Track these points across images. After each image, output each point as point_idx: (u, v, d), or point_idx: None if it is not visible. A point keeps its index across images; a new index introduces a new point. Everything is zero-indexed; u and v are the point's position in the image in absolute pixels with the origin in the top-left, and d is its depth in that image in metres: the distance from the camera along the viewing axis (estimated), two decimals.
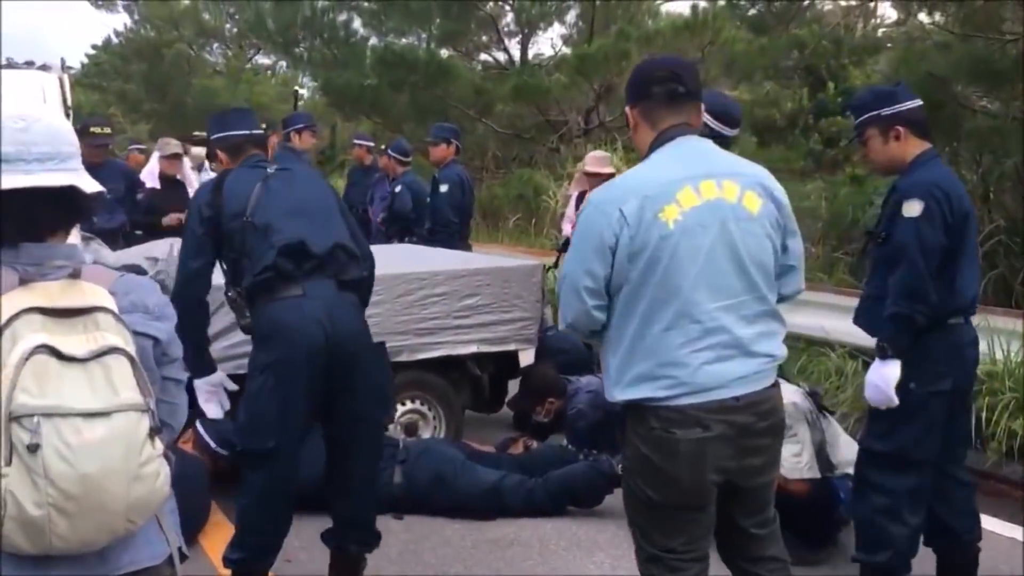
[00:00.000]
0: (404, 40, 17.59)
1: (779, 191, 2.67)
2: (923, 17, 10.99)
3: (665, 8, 18.64)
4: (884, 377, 3.33)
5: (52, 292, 1.70)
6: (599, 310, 2.58)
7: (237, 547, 3.42)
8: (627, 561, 3.33)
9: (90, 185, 1.82)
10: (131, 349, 1.72)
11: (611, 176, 5.78)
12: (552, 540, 4.31)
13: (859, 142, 3.59)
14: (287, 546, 3.59)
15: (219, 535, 4.15)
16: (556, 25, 18.71)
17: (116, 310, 1.75)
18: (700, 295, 2.50)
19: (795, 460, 3.95)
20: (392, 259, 5.42)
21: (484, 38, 18.67)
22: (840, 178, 11.09)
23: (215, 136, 3.71)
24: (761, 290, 2.58)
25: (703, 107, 3.87)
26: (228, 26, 27.19)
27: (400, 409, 5.04)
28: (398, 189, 8.51)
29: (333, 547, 3.63)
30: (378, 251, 3.73)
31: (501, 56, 18.62)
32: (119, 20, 30.83)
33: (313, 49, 18.74)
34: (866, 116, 3.49)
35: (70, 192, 1.80)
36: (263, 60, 28.30)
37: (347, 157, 17.84)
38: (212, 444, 4.47)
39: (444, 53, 17.43)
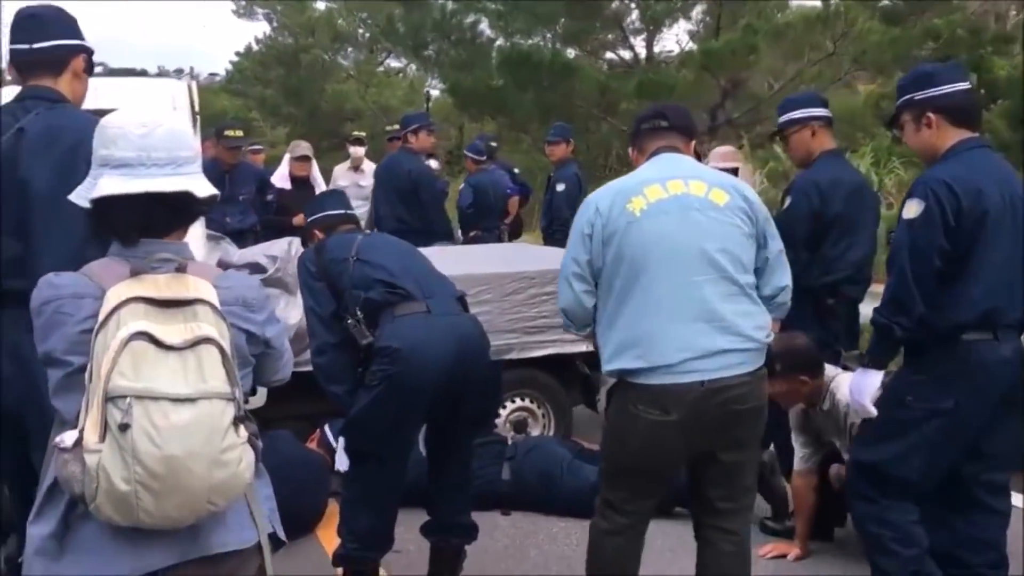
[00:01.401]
0: (530, 41, 17.67)
1: (753, 196, 2.92)
2: None
3: (795, 0, 18.16)
4: (860, 387, 3.21)
5: (159, 284, 1.83)
6: (588, 295, 2.92)
7: (343, 542, 3.53)
8: None
9: (204, 189, 1.94)
10: (225, 342, 1.82)
11: (735, 171, 5.70)
12: (657, 540, 4.25)
13: (895, 128, 3.35)
14: (397, 538, 3.69)
15: (334, 529, 4.30)
16: (682, 21, 18.45)
17: (217, 303, 1.86)
18: (670, 270, 2.76)
19: None
20: (502, 258, 5.49)
21: (609, 36, 18.57)
22: None
23: (312, 218, 3.87)
24: (728, 271, 2.78)
25: (793, 109, 4.04)
26: (361, 31, 27.92)
27: (509, 407, 5.11)
28: (461, 187, 8.66)
29: (433, 540, 3.71)
30: (488, 250, 3.81)
31: (626, 54, 18.50)
32: (259, 28, 32.08)
33: (442, 51, 19.06)
34: (901, 100, 3.25)
35: (185, 196, 1.91)
36: (394, 63, 28.97)
37: None
38: (335, 444, 4.62)
39: (569, 52, 17.44)
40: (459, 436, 3.62)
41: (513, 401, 5.12)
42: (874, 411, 3.22)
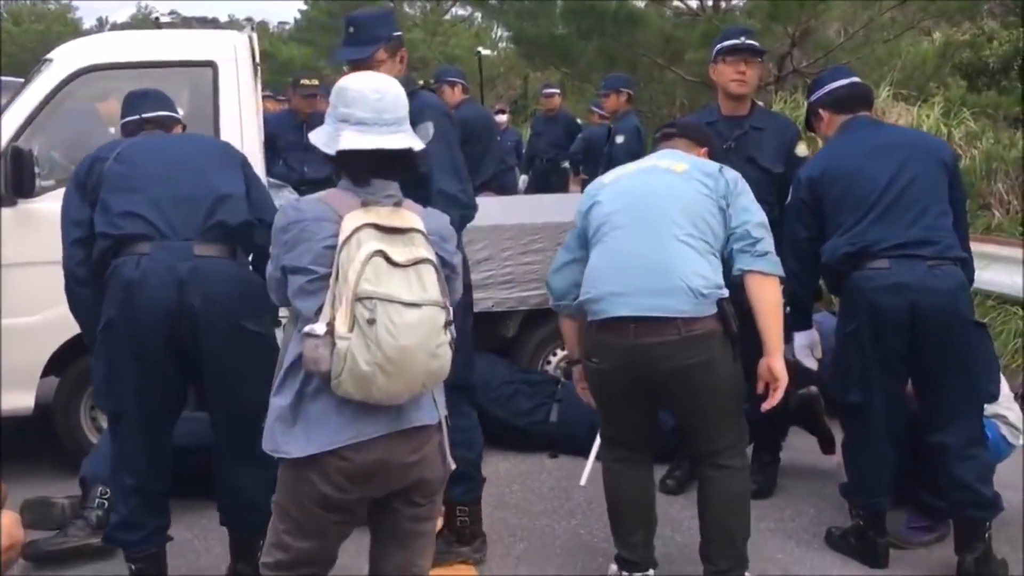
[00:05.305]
0: None
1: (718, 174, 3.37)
2: None
3: None
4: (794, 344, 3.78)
5: (383, 214, 2.28)
6: None
7: None
8: (793, 513, 3.41)
9: (419, 144, 2.39)
10: (436, 261, 2.30)
11: None
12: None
13: (811, 129, 3.95)
14: None
15: None
16: None
17: (425, 232, 2.31)
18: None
19: None
20: (557, 207, 5.56)
21: None
22: None
23: None
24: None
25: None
26: None
27: (560, 354, 5.22)
28: None
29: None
30: (544, 199, 3.84)
31: (692, 2, 18.16)
32: None
33: (506, 0, 18.92)
34: (806, 107, 3.93)
35: (407, 151, 2.36)
36: (460, 12, 28.87)
37: (537, 107, 18.05)
38: None
39: (635, 1, 17.16)
40: None
41: (563, 349, 5.21)
42: (810, 363, 3.80)
